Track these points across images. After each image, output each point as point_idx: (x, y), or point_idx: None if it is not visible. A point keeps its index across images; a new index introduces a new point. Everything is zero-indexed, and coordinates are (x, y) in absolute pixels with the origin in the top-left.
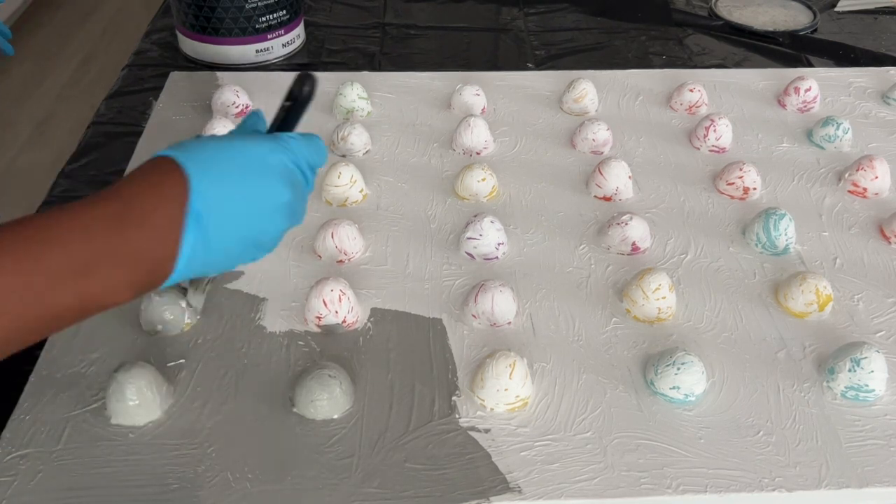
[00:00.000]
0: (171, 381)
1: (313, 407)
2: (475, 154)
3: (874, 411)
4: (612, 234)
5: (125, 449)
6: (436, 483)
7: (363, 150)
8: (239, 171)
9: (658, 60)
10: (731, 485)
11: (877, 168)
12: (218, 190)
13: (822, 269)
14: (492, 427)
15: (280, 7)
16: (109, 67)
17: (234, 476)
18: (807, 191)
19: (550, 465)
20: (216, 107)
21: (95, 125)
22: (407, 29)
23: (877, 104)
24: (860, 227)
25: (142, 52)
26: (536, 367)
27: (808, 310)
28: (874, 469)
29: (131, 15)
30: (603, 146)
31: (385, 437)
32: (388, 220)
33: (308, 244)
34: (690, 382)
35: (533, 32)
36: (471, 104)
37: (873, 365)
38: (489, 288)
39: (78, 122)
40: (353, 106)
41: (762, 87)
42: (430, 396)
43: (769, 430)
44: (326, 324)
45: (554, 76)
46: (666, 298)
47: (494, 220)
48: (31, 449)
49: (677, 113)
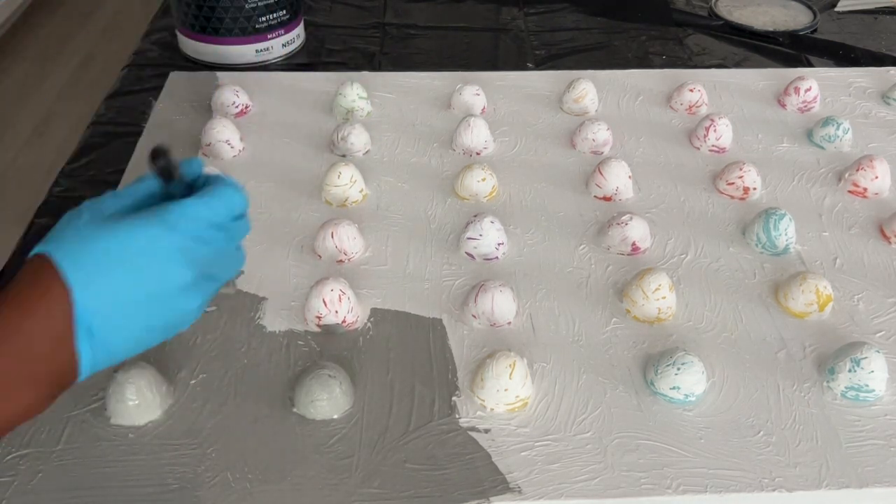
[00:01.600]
0: (171, 381)
1: (313, 407)
2: (475, 154)
3: (874, 411)
4: (612, 234)
5: (125, 449)
6: (436, 483)
7: (363, 150)
8: (127, 271)
9: (658, 60)
10: (731, 485)
11: (877, 168)
12: (105, 297)
13: (822, 269)
14: (492, 427)
15: (280, 7)
16: (109, 67)
17: (234, 476)
18: (807, 191)
19: (550, 466)
20: (216, 107)
21: (95, 125)
22: (407, 29)
23: (877, 104)
24: (860, 227)
25: (142, 52)
26: (536, 367)
27: (808, 310)
28: (874, 469)
29: (131, 15)
30: (603, 146)
31: (385, 437)
32: (388, 220)
33: (308, 244)
34: (690, 382)
35: (533, 32)
36: (471, 104)
37: (873, 365)
38: (489, 288)
39: (78, 122)
40: (353, 106)
41: (762, 87)
42: (430, 396)
43: (769, 431)
44: (326, 323)
45: (554, 76)
46: (666, 298)
47: (494, 220)
48: (31, 449)
49: (677, 113)
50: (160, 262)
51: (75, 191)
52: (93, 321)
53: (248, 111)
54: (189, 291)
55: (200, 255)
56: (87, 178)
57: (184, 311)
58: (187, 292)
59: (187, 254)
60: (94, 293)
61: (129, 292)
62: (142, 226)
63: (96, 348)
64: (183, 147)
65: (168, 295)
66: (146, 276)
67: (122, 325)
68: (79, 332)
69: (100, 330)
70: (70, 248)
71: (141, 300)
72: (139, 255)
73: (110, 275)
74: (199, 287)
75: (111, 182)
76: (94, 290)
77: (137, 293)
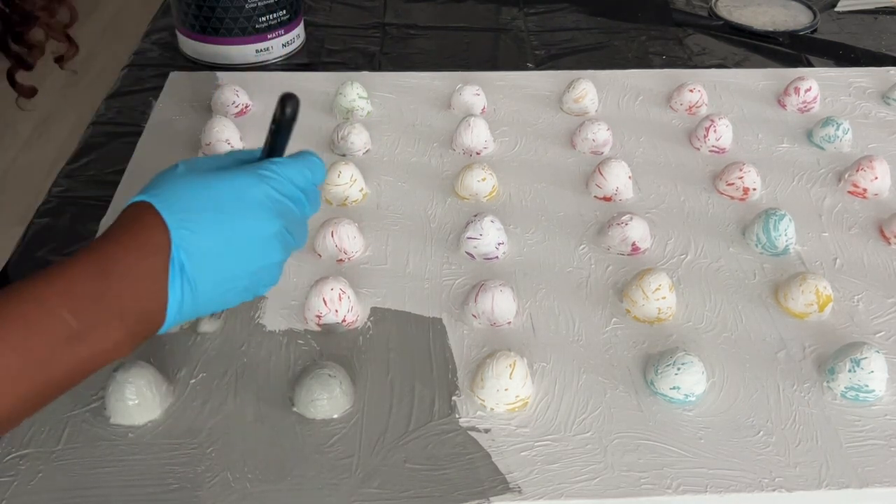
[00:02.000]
0: (171, 381)
1: (313, 407)
2: (475, 154)
3: (874, 411)
4: (612, 234)
5: (125, 449)
6: (436, 483)
7: (363, 150)
8: (219, 213)
9: (658, 60)
10: (731, 485)
11: (877, 168)
12: (199, 237)
13: (822, 270)
14: (492, 427)
15: (280, 7)
16: (109, 67)
17: (234, 476)
18: (807, 191)
19: (550, 466)
20: (216, 107)
21: (95, 125)
22: (407, 29)
23: (877, 104)
24: (860, 227)
25: (142, 52)
26: (536, 367)
27: (808, 310)
28: (874, 469)
29: (131, 15)
30: (603, 146)
31: (385, 437)
32: (388, 219)
33: (308, 243)
34: (690, 382)
35: (533, 32)
36: (471, 104)
37: (873, 365)
38: (489, 288)
39: (78, 122)
40: (353, 106)
41: (762, 87)
42: (430, 396)
43: (769, 431)
44: (326, 323)
45: (554, 76)
46: (666, 298)
47: (494, 220)
48: (31, 449)
49: (677, 113)
50: (250, 208)
51: (75, 191)
52: (186, 259)
53: (248, 111)
54: (274, 242)
55: (286, 211)
56: (87, 178)
57: (268, 261)
58: (273, 242)
59: (275, 206)
60: (189, 232)
61: (220, 233)
62: (235, 175)
63: (186, 289)
64: (183, 147)
65: (255, 241)
66: (237, 220)
67: (211, 267)
68: (172, 269)
69: (192, 269)
70: (167, 194)
71: (231, 242)
72: (231, 199)
73: (203, 216)
74: (284, 241)
75: (111, 182)
76: (189, 230)
77: (228, 234)
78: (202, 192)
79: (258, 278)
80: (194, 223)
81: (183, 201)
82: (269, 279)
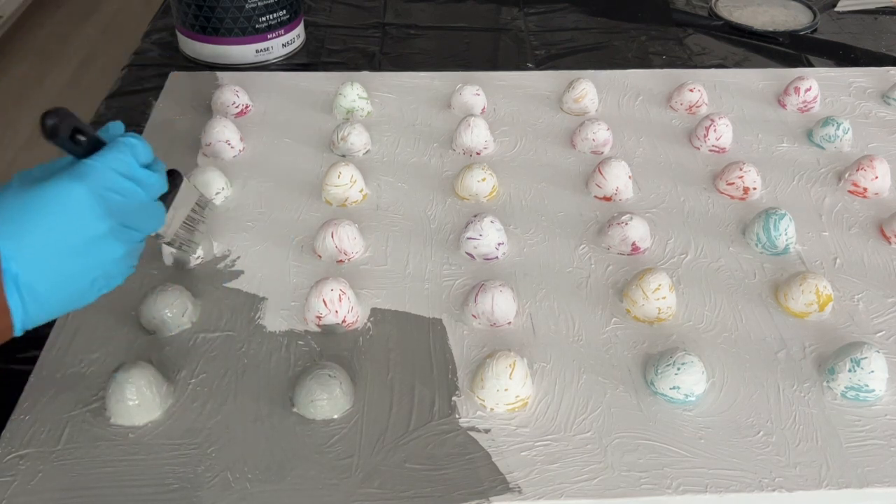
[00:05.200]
0: (171, 381)
1: (313, 407)
2: (475, 154)
3: (874, 411)
4: (612, 234)
5: (125, 449)
6: (436, 483)
7: (363, 150)
8: (43, 220)
9: (658, 60)
10: (731, 485)
11: (877, 168)
12: (27, 247)
13: (822, 269)
14: (492, 427)
15: (280, 7)
16: (109, 67)
17: (234, 476)
18: (807, 191)
19: (550, 465)
20: (216, 107)
21: (95, 125)
22: (407, 29)
23: (877, 104)
24: (860, 227)
25: (142, 52)
26: (536, 367)
27: (808, 310)
28: (874, 469)
29: (131, 15)
30: (603, 146)
31: (385, 437)
32: (388, 219)
33: (308, 244)
34: (690, 382)
35: (533, 32)
36: (471, 104)
37: (873, 365)
38: (489, 288)
39: None
40: (353, 106)
41: (762, 87)
42: (430, 396)
43: (769, 431)
44: (326, 323)
45: (554, 76)
46: (666, 298)
47: (494, 220)
48: (30, 449)
49: (677, 113)
50: (74, 212)
51: None
52: (18, 270)
53: (248, 111)
54: (107, 240)
55: (115, 205)
56: None
57: (106, 259)
58: (106, 240)
59: (101, 203)
60: (17, 244)
61: (49, 241)
62: (55, 180)
63: (26, 298)
64: (183, 147)
65: (86, 243)
66: (63, 225)
67: (46, 274)
68: (6, 280)
69: (26, 278)
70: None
71: (61, 248)
72: (54, 206)
73: (30, 226)
74: (119, 236)
75: None
76: (17, 241)
77: (56, 241)
78: (28, 203)
79: (104, 273)
80: (23, 234)
81: (9, 213)
82: (117, 271)
